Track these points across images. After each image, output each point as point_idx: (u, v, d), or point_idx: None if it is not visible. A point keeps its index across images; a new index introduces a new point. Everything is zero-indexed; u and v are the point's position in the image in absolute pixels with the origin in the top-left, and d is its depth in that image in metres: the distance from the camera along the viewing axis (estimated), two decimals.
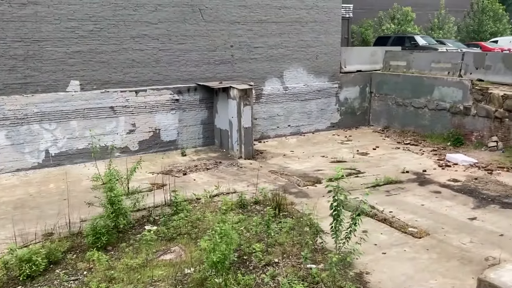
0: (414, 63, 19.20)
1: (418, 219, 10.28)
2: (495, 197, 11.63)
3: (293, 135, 18.82)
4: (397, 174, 13.64)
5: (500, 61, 16.20)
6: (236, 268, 8.08)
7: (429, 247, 8.91)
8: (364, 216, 10.38)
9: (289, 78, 18.42)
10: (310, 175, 13.74)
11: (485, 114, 15.96)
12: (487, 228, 9.75)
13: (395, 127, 19.43)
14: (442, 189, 12.36)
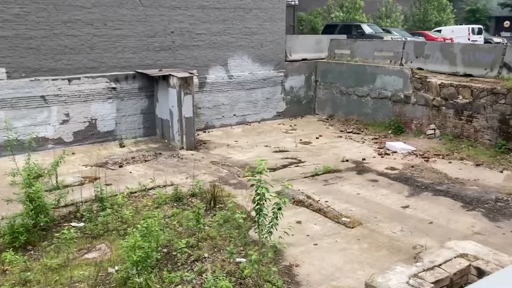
0: (358, 52, 19.35)
1: (353, 208, 10.33)
2: (429, 185, 11.89)
3: (238, 124, 18.57)
4: (337, 163, 13.70)
5: (438, 50, 16.56)
6: (164, 265, 7.80)
7: (360, 237, 8.94)
8: (300, 207, 10.40)
9: (234, 66, 18.10)
10: (251, 165, 13.54)
11: (424, 102, 16.31)
12: (418, 216, 9.92)
13: (340, 115, 19.58)
14: (379, 178, 12.51)
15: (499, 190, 11.44)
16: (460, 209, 10.32)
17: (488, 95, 14.38)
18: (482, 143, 14.64)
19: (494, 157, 13.76)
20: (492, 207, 10.41)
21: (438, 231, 9.19)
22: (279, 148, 15.42)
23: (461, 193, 11.29)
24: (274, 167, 13.37)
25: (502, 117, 14.08)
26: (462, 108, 15.11)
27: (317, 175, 12.64)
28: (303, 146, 15.70)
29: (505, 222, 9.60)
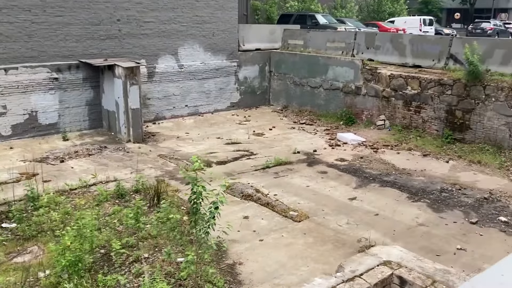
0: (311, 42, 19.25)
1: (301, 201, 10.22)
2: (377, 176, 11.96)
3: (191, 115, 18.13)
4: (289, 155, 13.59)
5: (389, 41, 16.69)
6: (100, 267, 7.40)
7: (307, 231, 8.84)
8: (249, 201, 10.19)
9: (185, 56, 17.59)
10: (201, 158, 13.19)
11: (374, 93, 16.43)
12: (365, 208, 9.93)
13: (294, 106, 19.49)
14: (329, 169, 12.48)
15: (444, 180, 11.65)
16: (406, 200, 10.42)
17: (435, 86, 14.63)
18: (430, 134, 14.91)
19: (441, 147, 14.03)
20: (437, 198, 10.57)
21: (384, 223, 9.22)
22: (232, 140, 15.14)
23: (407, 184, 11.42)
24: (225, 160, 13.10)
25: (449, 108, 14.37)
26: (411, 99, 15.31)
27: (268, 168, 12.46)
28: (256, 138, 15.50)
29: (448, 213, 9.76)
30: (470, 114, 13.88)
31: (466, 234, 8.83)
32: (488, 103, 13.43)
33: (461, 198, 10.56)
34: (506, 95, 13.03)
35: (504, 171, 12.21)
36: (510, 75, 13.33)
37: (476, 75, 13.53)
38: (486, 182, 11.52)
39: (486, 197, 10.54)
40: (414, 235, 8.72)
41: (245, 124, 17.26)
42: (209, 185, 6.85)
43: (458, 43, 14.73)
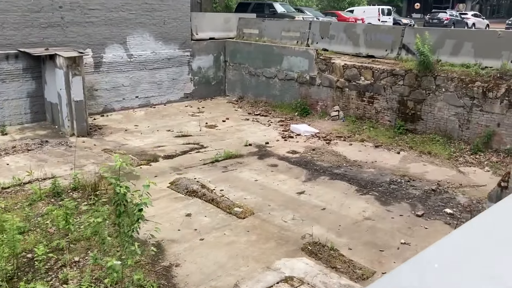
0: (266, 32, 18.88)
1: (248, 197, 9.91)
2: (327, 168, 11.79)
3: (142, 107, 17.48)
4: (240, 148, 13.25)
5: (343, 31, 16.52)
6: (25, 273, 6.87)
7: (250, 228, 8.53)
8: (193, 197, 9.79)
9: (134, 45, 16.88)
10: (148, 152, 12.72)
11: (328, 84, 16.26)
12: (312, 203, 9.72)
13: (249, 97, 19.12)
14: (279, 162, 12.22)
15: (394, 171, 11.60)
16: (354, 194, 10.28)
17: (388, 77, 14.57)
18: (382, 124, 14.88)
19: (393, 138, 14.02)
20: (385, 190, 10.49)
21: (330, 218, 9.03)
22: (182, 132, 14.65)
23: (357, 176, 11.30)
24: (173, 154, 12.63)
25: (401, 98, 14.35)
26: (364, 89, 15.22)
27: (217, 161, 12.08)
28: (208, 130, 15.06)
29: (396, 206, 9.67)
30: (422, 105, 13.90)
31: (411, 227, 8.75)
32: (438, 94, 13.47)
33: (409, 190, 10.52)
34: (456, 85, 13.09)
35: (453, 161, 12.28)
36: (460, 65, 13.39)
37: (427, 66, 13.53)
38: (435, 173, 11.54)
39: (434, 189, 10.53)
40: (360, 230, 8.56)
41: (198, 116, 16.77)
42: (152, 182, 6.34)
43: (410, 33, 14.69)
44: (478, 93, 12.62)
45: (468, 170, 11.71)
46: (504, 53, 12.63)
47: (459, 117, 13.12)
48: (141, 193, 5.84)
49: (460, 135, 13.17)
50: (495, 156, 12.28)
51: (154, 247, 7.70)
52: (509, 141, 12.23)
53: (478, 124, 12.80)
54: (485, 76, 12.66)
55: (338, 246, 7.91)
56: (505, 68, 12.37)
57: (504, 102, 12.19)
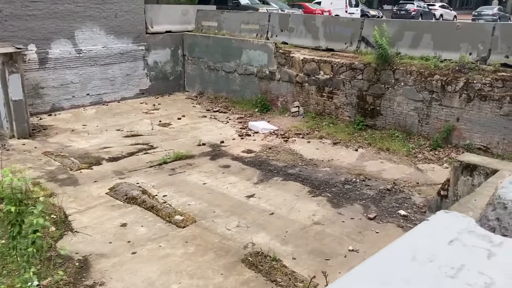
0: (225, 24, 18.16)
1: (192, 202, 9.27)
2: (282, 168, 11.23)
3: (94, 105, 16.57)
4: (192, 148, 12.57)
5: (302, 23, 15.93)
6: None
7: (190, 238, 7.90)
8: (132, 205, 9.10)
9: (83, 39, 15.93)
10: (92, 155, 11.91)
11: (288, 78, 15.68)
12: (261, 207, 9.14)
13: (209, 93, 18.40)
14: (232, 163, 11.59)
15: (350, 170, 11.12)
16: (306, 195, 9.74)
17: (347, 71, 14.07)
18: (342, 120, 14.41)
19: (352, 134, 13.55)
20: (339, 191, 9.98)
21: (277, 223, 8.47)
22: (133, 132, 13.86)
23: (311, 176, 10.77)
24: (119, 156, 11.86)
25: (360, 93, 13.88)
26: (324, 84, 14.70)
27: (165, 163, 11.38)
28: (161, 129, 14.31)
29: (347, 208, 9.18)
30: (381, 100, 13.46)
31: (362, 232, 8.26)
32: (397, 88, 13.05)
33: (364, 190, 10.04)
34: (415, 79, 12.67)
35: (412, 158, 11.88)
36: (419, 58, 12.98)
37: (385, 59, 13.08)
38: (392, 171, 11.11)
39: (389, 188, 10.09)
40: (307, 236, 8.03)
41: (152, 114, 15.99)
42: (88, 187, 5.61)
43: (369, 25, 14.20)
44: (437, 86, 12.24)
45: (426, 167, 11.33)
46: (463, 46, 12.26)
47: (419, 112, 12.73)
48: (38, 209, 5.08)
49: (419, 130, 12.79)
50: (454, 152, 11.93)
51: (78, 263, 7.02)
52: (469, 136, 11.90)
53: (437, 119, 12.44)
54: (444, 69, 12.28)
55: (282, 256, 7.35)
56: (464, 61, 12.00)
57: (462, 96, 11.84)
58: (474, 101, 11.66)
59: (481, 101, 11.55)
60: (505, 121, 11.23)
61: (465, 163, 4.58)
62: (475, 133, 11.78)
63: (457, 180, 4.69)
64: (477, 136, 11.77)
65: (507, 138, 11.27)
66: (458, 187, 4.71)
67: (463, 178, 4.64)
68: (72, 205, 9.00)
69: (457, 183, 4.70)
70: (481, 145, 11.72)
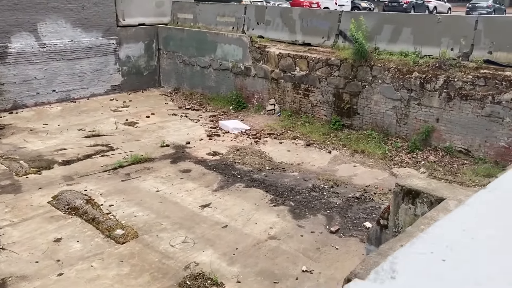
0: (201, 16, 17.27)
1: (139, 213, 8.48)
2: (246, 173, 10.43)
3: (60, 102, 15.72)
4: (154, 149, 11.77)
5: (279, 16, 15.04)
6: None
7: (127, 256, 7.11)
8: (73, 216, 8.30)
9: (47, 33, 15.05)
10: (45, 157, 11.11)
11: (263, 75, 14.83)
12: (214, 219, 8.34)
13: (185, 88, 17.55)
14: (194, 167, 10.79)
15: (319, 175, 10.32)
16: (267, 205, 8.95)
17: (323, 67, 13.23)
18: (319, 119, 13.59)
19: (327, 135, 12.74)
20: (303, 199, 9.19)
21: (228, 238, 7.68)
22: (95, 131, 13.04)
23: (277, 182, 9.97)
24: (74, 159, 11.06)
25: (336, 91, 13.05)
26: (299, 81, 13.86)
27: (121, 167, 10.58)
28: (126, 128, 13.48)
29: (309, 219, 8.39)
30: (358, 98, 12.63)
31: (321, 248, 7.48)
32: (374, 86, 12.22)
33: (331, 198, 9.25)
34: (393, 76, 11.84)
35: (387, 161, 11.08)
36: (398, 54, 12.14)
37: (362, 54, 12.24)
38: (364, 176, 10.32)
39: (358, 196, 9.30)
40: (258, 254, 7.25)
41: (121, 111, 15.15)
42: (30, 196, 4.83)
43: (347, 18, 13.31)
44: (416, 84, 11.41)
45: (401, 172, 10.53)
46: (444, 40, 11.42)
47: (396, 112, 11.92)
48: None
49: (397, 131, 11.98)
50: (433, 155, 11.14)
51: None
52: (449, 138, 11.10)
53: (416, 119, 11.63)
54: (423, 65, 11.44)
55: (226, 278, 6.58)
56: (444, 57, 11.16)
57: (442, 95, 11.01)
58: (455, 101, 10.84)
59: (462, 100, 10.73)
60: (486, 122, 10.43)
61: (407, 188, 3.78)
62: (456, 134, 10.98)
63: (398, 208, 3.90)
64: (457, 138, 10.97)
65: (489, 141, 10.48)
66: (399, 216, 3.92)
67: (405, 206, 3.85)
68: (7, 217, 8.21)
69: (398, 211, 3.91)
70: (462, 148, 10.93)
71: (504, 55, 10.52)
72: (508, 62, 10.43)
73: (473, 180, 9.88)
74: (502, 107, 10.13)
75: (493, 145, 10.44)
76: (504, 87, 10.13)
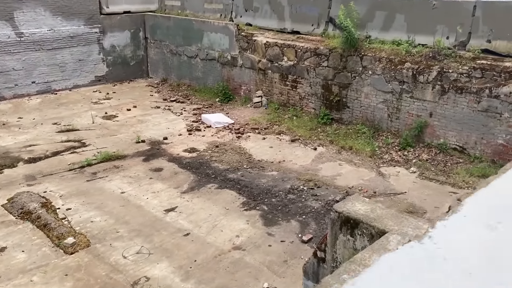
0: (188, 3, 16.43)
1: (97, 218, 7.82)
2: (222, 172, 9.71)
3: (41, 94, 15.10)
4: (129, 145, 11.10)
5: (267, 3, 14.13)
6: None
7: (73, 269, 6.46)
8: (25, 221, 7.67)
9: (25, 22, 14.37)
10: (12, 154, 10.51)
11: (250, 65, 14.02)
12: (177, 225, 7.66)
13: (172, 79, 16.80)
14: (167, 165, 10.10)
15: (300, 175, 9.57)
16: (238, 209, 8.24)
17: (311, 57, 12.39)
18: (307, 113, 12.78)
19: (315, 129, 11.94)
20: (279, 202, 8.47)
21: (188, 248, 7.00)
22: (71, 126, 12.40)
23: (253, 183, 9.24)
24: (41, 156, 10.43)
25: (325, 83, 12.21)
26: (287, 71, 13.04)
27: (89, 166, 9.93)
28: (103, 122, 12.82)
29: (281, 226, 7.67)
30: (347, 90, 11.80)
31: (288, 260, 6.76)
32: (365, 77, 11.36)
33: (309, 201, 8.51)
34: (384, 67, 10.98)
35: (376, 160, 10.28)
36: (390, 43, 11.25)
37: (352, 43, 11.37)
38: (349, 176, 9.54)
39: (339, 200, 8.51)
40: (218, 267, 6.55)
41: (102, 104, 14.48)
42: None
43: (337, 4, 12.40)
44: (408, 76, 10.54)
45: (390, 172, 9.73)
46: (439, 28, 10.49)
47: (388, 105, 11.07)
48: None
49: (389, 126, 11.15)
50: (426, 153, 10.31)
51: None
52: (443, 134, 10.25)
53: (408, 114, 10.78)
54: (416, 55, 10.55)
55: None
56: (439, 46, 10.26)
57: (436, 88, 10.14)
58: (449, 94, 9.96)
59: (456, 93, 9.85)
60: (483, 117, 9.56)
61: (345, 216, 3.05)
62: (450, 131, 10.12)
63: (336, 239, 3.16)
64: (452, 134, 10.11)
65: (486, 138, 9.62)
66: (337, 249, 3.19)
67: (343, 237, 3.12)
68: None
69: (336, 243, 3.17)
70: (457, 145, 10.08)
71: (504, 44, 9.59)
72: (508, 52, 9.50)
73: (466, 181, 9.06)
74: (500, 102, 9.25)
75: (490, 142, 9.58)
76: (502, 79, 9.23)
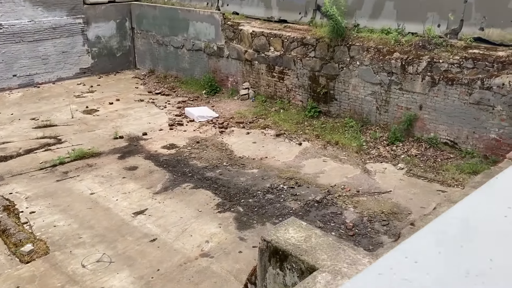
0: None
1: (61, 222, 7.40)
2: (200, 170, 9.26)
3: (23, 87, 14.66)
4: (106, 142, 10.66)
5: None
6: None
7: (26, 280, 6.06)
8: None
9: (3, 13, 13.88)
10: None
11: (236, 55, 13.48)
12: (144, 229, 7.23)
13: (159, 71, 16.30)
14: (143, 163, 9.66)
15: (282, 172, 9.10)
16: (211, 211, 7.79)
17: (298, 47, 11.83)
18: (294, 105, 12.27)
19: (302, 123, 11.44)
20: (256, 203, 8.01)
21: (153, 256, 6.57)
22: (49, 121, 11.96)
23: (231, 181, 8.78)
24: (13, 154, 10.01)
25: (312, 74, 11.67)
26: (274, 62, 12.50)
27: (61, 164, 9.50)
28: (83, 117, 12.37)
29: (256, 230, 7.22)
30: (335, 82, 11.25)
31: None
32: (352, 68, 10.81)
33: (288, 202, 8.05)
34: (372, 57, 10.41)
35: (362, 155, 9.77)
36: (379, 32, 10.67)
37: (339, 32, 10.79)
38: (332, 173, 9.05)
39: (319, 200, 8.06)
40: (182, 277, 6.12)
41: (85, 97, 14.02)
42: None
43: None
44: (397, 67, 9.98)
45: (376, 168, 9.23)
46: (430, 15, 9.90)
47: (376, 97, 10.53)
48: None
49: (378, 119, 10.63)
50: (415, 148, 9.79)
51: None
52: (433, 128, 9.72)
53: (397, 106, 10.24)
54: (405, 45, 9.98)
55: None
56: (430, 35, 9.67)
57: (426, 79, 9.58)
58: (440, 85, 9.40)
59: (447, 85, 9.29)
60: (475, 110, 9.00)
61: (273, 246, 2.57)
62: (441, 124, 9.58)
63: (265, 271, 2.70)
64: (443, 128, 9.58)
65: (478, 132, 9.07)
66: (267, 283, 2.72)
67: (272, 270, 2.65)
68: None
69: (266, 276, 2.71)
70: (448, 140, 9.55)
71: (498, 31, 8.99)
72: (502, 40, 8.91)
73: (456, 178, 8.55)
74: (493, 94, 8.69)
75: (482, 137, 9.04)
76: (495, 69, 8.66)
